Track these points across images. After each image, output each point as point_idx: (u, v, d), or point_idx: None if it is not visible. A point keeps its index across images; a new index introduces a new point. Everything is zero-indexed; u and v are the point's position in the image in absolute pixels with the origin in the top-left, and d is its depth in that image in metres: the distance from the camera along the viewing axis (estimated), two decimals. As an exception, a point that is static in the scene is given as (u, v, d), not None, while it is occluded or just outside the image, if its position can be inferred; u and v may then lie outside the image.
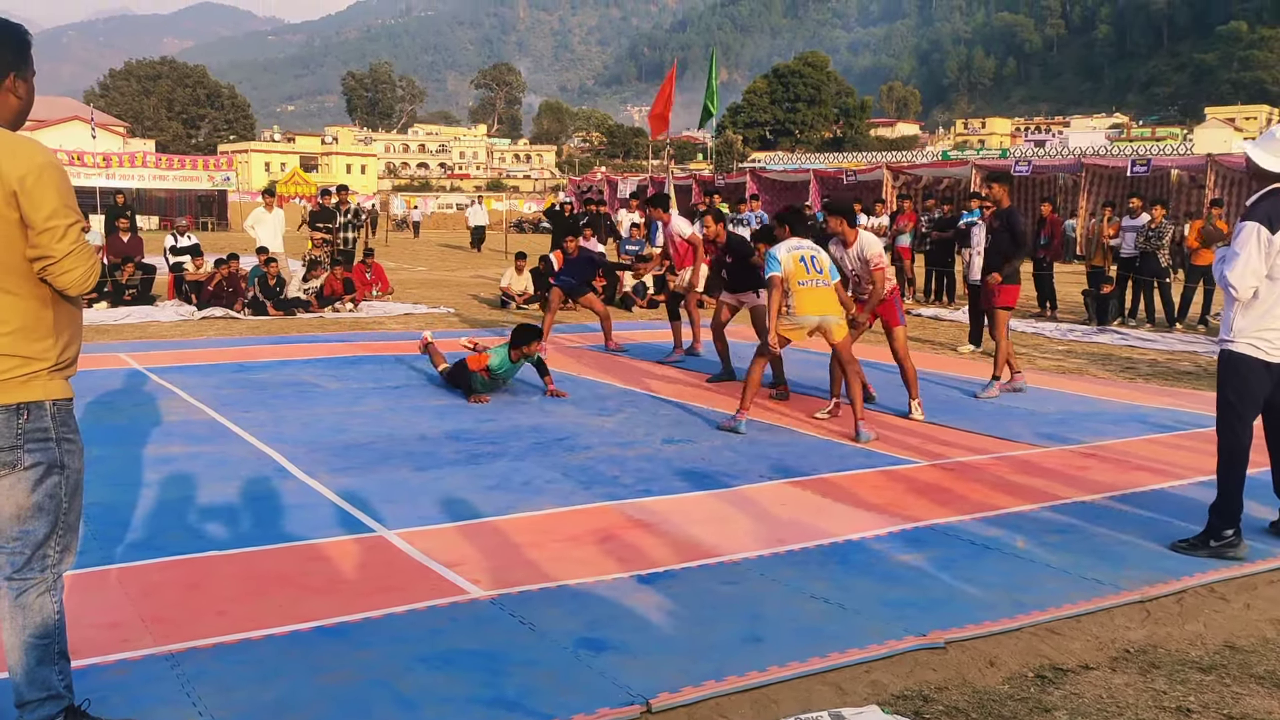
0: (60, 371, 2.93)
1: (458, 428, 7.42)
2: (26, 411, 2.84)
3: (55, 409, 2.91)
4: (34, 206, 2.77)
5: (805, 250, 7.49)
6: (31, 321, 2.84)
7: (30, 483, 2.86)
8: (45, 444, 2.88)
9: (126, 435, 6.92)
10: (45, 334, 2.88)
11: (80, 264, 2.85)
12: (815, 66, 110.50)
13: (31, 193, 2.77)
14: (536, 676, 3.51)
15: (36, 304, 2.85)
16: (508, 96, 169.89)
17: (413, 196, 58.81)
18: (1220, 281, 4.81)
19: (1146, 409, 8.53)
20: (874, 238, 8.25)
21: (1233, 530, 4.86)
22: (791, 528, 5.21)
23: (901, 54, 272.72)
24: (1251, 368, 4.80)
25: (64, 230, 2.81)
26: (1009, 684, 3.55)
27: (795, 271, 7.37)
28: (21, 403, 2.83)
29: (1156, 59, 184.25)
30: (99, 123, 51.22)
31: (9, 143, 2.80)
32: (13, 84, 2.90)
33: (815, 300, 7.39)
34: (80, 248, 2.85)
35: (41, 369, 2.87)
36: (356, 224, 18.45)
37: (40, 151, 2.84)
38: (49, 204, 2.79)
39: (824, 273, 7.46)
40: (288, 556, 4.69)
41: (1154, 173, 27.64)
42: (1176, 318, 14.59)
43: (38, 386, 2.86)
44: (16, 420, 2.82)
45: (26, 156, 2.79)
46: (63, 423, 2.93)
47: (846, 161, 41.80)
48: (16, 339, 2.82)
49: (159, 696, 3.31)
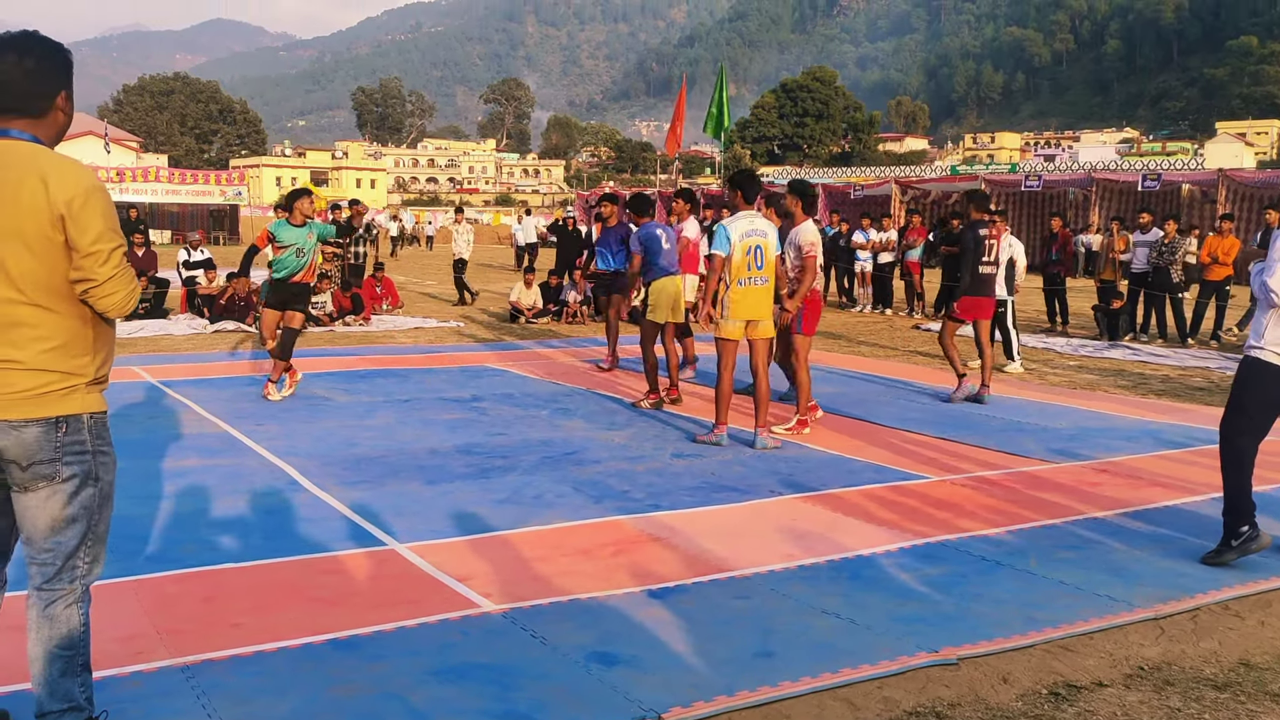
0: (97, 386, 2.98)
1: (468, 441, 7.44)
2: (65, 425, 2.88)
3: (92, 422, 2.95)
4: (80, 230, 2.80)
5: (755, 239, 7.32)
6: (72, 338, 2.88)
7: (66, 495, 2.90)
8: (82, 456, 2.92)
9: (141, 448, 6.94)
10: (84, 350, 2.92)
11: (122, 287, 2.89)
12: (823, 81, 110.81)
13: (78, 217, 2.80)
14: (548, 690, 3.52)
15: (77, 322, 2.89)
16: (516, 111, 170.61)
17: (422, 211, 58.91)
18: (1260, 290, 4.83)
19: (1159, 425, 8.50)
20: (813, 227, 8.20)
21: (1248, 525, 4.90)
22: (802, 543, 5.21)
23: (910, 69, 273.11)
24: (1276, 378, 4.83)
25: (108, 254, 2.84)
26: (1022, 701, 3.54)
27: (739, 265, 7.26)
28: (61, 416, 2.87)
29: (1167, 74, 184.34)
30: (113, 138, 51.63)
31: (56, 165, 2.83)
32: (63, 102, 2.95)
33: (750, 302, 7.31)
34: (123, 271, 2.89)
35: (80, 383, 2.91)
36: (368, 238, 18.52)
37: (87, 174, 2.88)
38: (95, 228, 2.83)
39: (764, 268, 7.36)
40: (300, 569, 4.71)
41: (1165, 187, 27.62)
42: (1189, 333, 14.55)
43: (76, 400, 2.90)
44: (56, 433, 2.86)
45: (75, 180, 2.82)
46: (98, 435, 2.97)
47: (855, 176, 41.87)
48: (57, 355, 2.85)
49: (174, 709, 3.33)
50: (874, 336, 14.91)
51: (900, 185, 33.31)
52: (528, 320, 16.15)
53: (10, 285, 2.78)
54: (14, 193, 2.77)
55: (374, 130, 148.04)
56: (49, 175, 2.79)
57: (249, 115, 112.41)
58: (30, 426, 2.82)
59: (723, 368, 7.45)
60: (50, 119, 2.92)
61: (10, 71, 2.84)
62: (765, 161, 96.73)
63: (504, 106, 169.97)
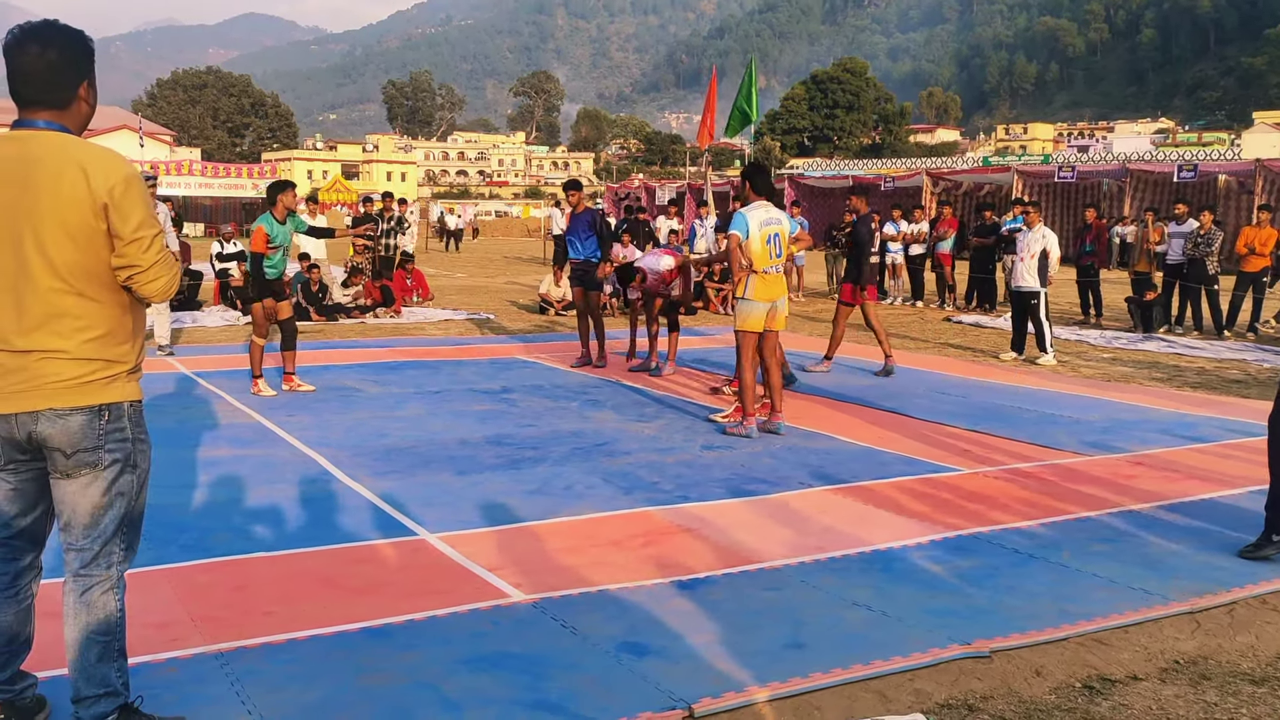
0: (135, 374, 3.02)
1: (499, 432, 7.46)
2: (108, 413, 2.92)
3: (131, 410, 2.99)
4: (122, 219, 2.83)
5: (773, 227, 7.48)
6: (115, 327, 2.92)
7: (107, 481, 2.94)
8: (123, 444, 2.96)
9: (175, 438, 7.02)
10: (125, 338, 2.96)
11: (165, 273, 2.93)
12: (854, 73, 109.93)
13: (120, 205, 2.83)
14: (579, 680, 3.52)
15: (118, 310, 2.93)
16: (546, 104, 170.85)
17: (452, 203, 58.84)
18: None
19: (1194, 417, 8.40)
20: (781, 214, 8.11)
21: None
22: (832, 535, 5.19)
23: (942, 59, 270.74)
24: None
25: (150, 241, 2.88)
26: (1055, 694, 3.51)
27: (760, 255, 7.41)
28: (104, 404, 2.91)
29: (1203, 63, 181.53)
30: (147, 131, 52.15)
31: (95, 155, 2.85)
32: (86, 92, 2.96)
33: (769, 287, 7.48)
34: (165, 257, 2.93)
35: (122, 372, 2.95)
36: (400, 230, 18.56)
37: (124, 163, 2.91)
38: (136, 215, 2.86)
39: (781, 256, 7.56)
40: (332, 559, 4.74)
41: (1201, 178, 27.24)
42: (1225, 325, 14.35)
43: (118, 389, 2.94)
44: (99, 421, 2.90)
45: (114, 168, 2.85)
46: (137, 423, 3.02)
47: (885, 167, 41.58)
48: (101, 344, 2.89)
49: (208, 695, 3.36)
50: (905, 329, 14.81)
51: (931, 177, 33.01)
52: (557, 313, 16.18)
53: (54, 275, 2.81)
54: (54, 183, 2.79)
55: (404, 123, 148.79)
56: (88, 164, 2.81)
57: (280, 109, 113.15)
58: (75, 415, 2.85)
59: (745, 360, 7.49)
60: (74, 109, 2.94)
61: (34, 64, 2.84)
62: (795, 153, 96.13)
63: (533, 99, 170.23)
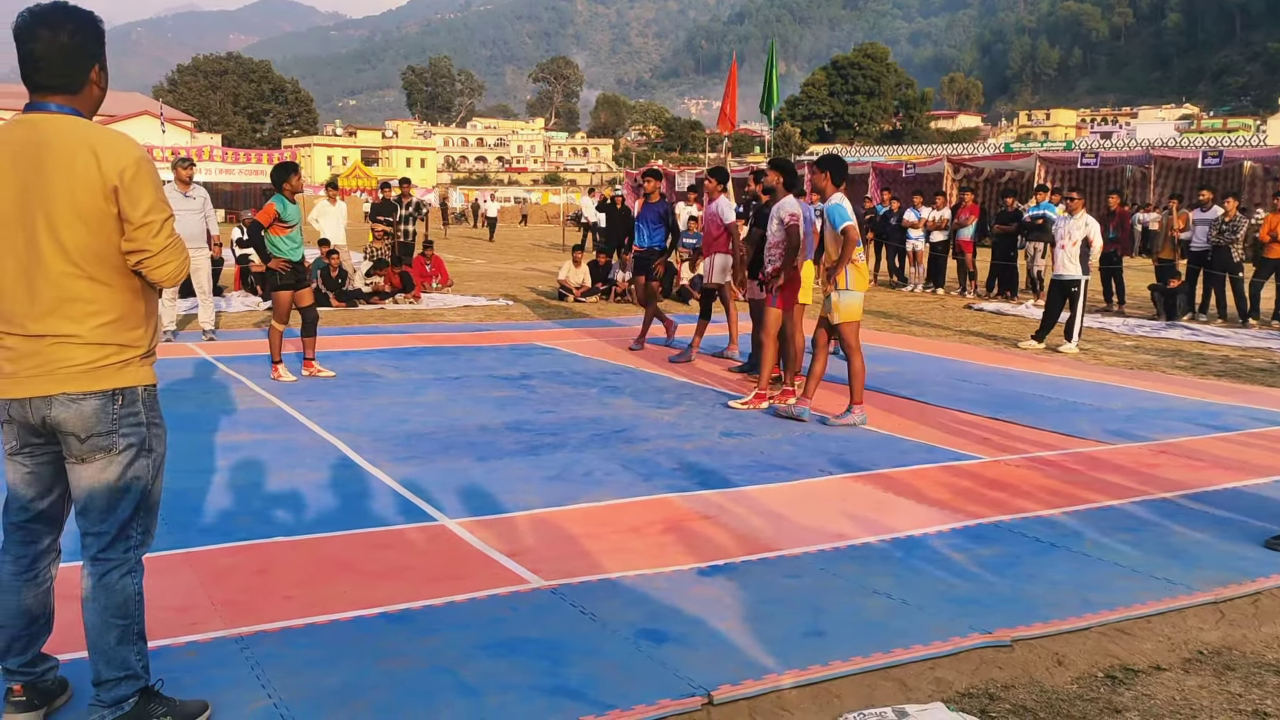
0: (149, 359, 3.02)
1: (518, 418, 7.46)
2: (122, 397, 2.92)
3: (145, 394, 3.00)
4: (132, 202, 2.83)
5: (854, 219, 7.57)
6: (127, 311, 2.92)
7: (122, 466, 2.94)
8: (137, 428, 2.96)
9: (195, 423, 7.05)
10: (138, 323, 2.96)
11: (175, 257, 2.93)
12: (875, 58, 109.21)
13: (130, 188, 2.82)
14: (598, 666, 3.52)
15: (130, 295, 2.93)
16: (565, 90, 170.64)
17: (471, 190, 58.85)
18: None
19: (1218, 406, 8.32)
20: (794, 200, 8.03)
21: None
22: (853, 522, 5.16)
23: (963, 45, 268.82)
24: None
25: (160, 225, 2.87)
26: (1078, 684, 3.48)
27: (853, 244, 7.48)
28: (118, 388, 2.91)
29: (1229, 48, 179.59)
30: (168, 117, 52.40)
31: (106, 138, 2.85)
32: (97, 75, 2.94)
33: (863, 275, 7.61)
34: (175, 241, 2.93)
35: (135, 356, 2.95)
36: (418, 216, 18.59)
37: (135, 146, 2.89)
38: (147, 199, 2.85)
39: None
40: (352, 543, 4.75)
41: (1226, 165, 26.93)
42: (1250, 312, 14.21)
43: (131, 373, 2.94)
44: (113, 406, 2.90)
45: (125, 151, 2.84)
46: (150, 407, 3.02)
47: (906, 154, 41.33)
48: (113, 329, 2.89)
49: (228, 678, 3.37)
50: (926, 316, 14.73)
51: (953, 163, 32.76)
52: (576, 299, 16.17)
53: (66, 259, 2.81)
54: (66, 166, 2.78)
55: (424, 109, 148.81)
56: (99, 147, 2.80)
57: (300, 95, 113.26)
58: (89, 399, 2.86)
59: (854, 348, 7.54)
60: (86, 93, 2.92)
61: (45, 48, 2.82)
62: (816, 140, 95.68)
63: (553, 85, 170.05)
